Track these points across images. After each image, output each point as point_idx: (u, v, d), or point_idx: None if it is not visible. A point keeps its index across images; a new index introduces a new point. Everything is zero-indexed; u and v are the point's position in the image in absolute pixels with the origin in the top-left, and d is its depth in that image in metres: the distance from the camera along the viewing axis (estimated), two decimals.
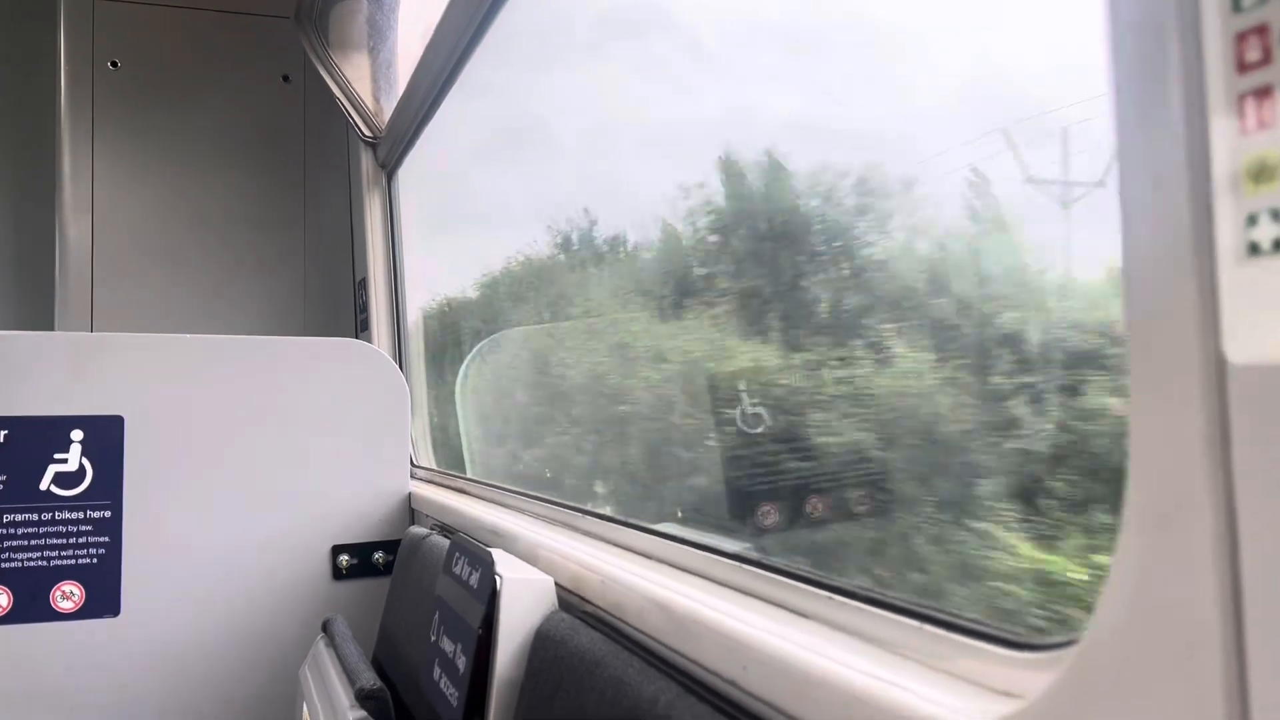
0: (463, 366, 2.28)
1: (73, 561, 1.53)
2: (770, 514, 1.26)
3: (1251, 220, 0.33)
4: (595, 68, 1.88)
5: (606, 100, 1.87)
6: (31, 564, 1.51)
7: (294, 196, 2.53)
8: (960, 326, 1.00)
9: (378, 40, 2.24)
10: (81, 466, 1.55)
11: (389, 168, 2.29)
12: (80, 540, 1.54)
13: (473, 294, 2.38)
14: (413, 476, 1.85)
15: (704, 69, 1.55)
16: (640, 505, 1.66)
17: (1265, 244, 0.32)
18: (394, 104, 2.12)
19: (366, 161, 2.31)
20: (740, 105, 1.43)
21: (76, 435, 1.55)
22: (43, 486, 1.52)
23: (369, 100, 2.28)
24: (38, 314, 2.44)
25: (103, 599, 1.55)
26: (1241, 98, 0.33)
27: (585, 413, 1.89)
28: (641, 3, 1.80)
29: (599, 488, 1.82)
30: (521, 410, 2.18)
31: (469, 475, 1.87)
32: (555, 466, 2.00)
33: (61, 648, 1.52)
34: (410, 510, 1.77)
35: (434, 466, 2.10)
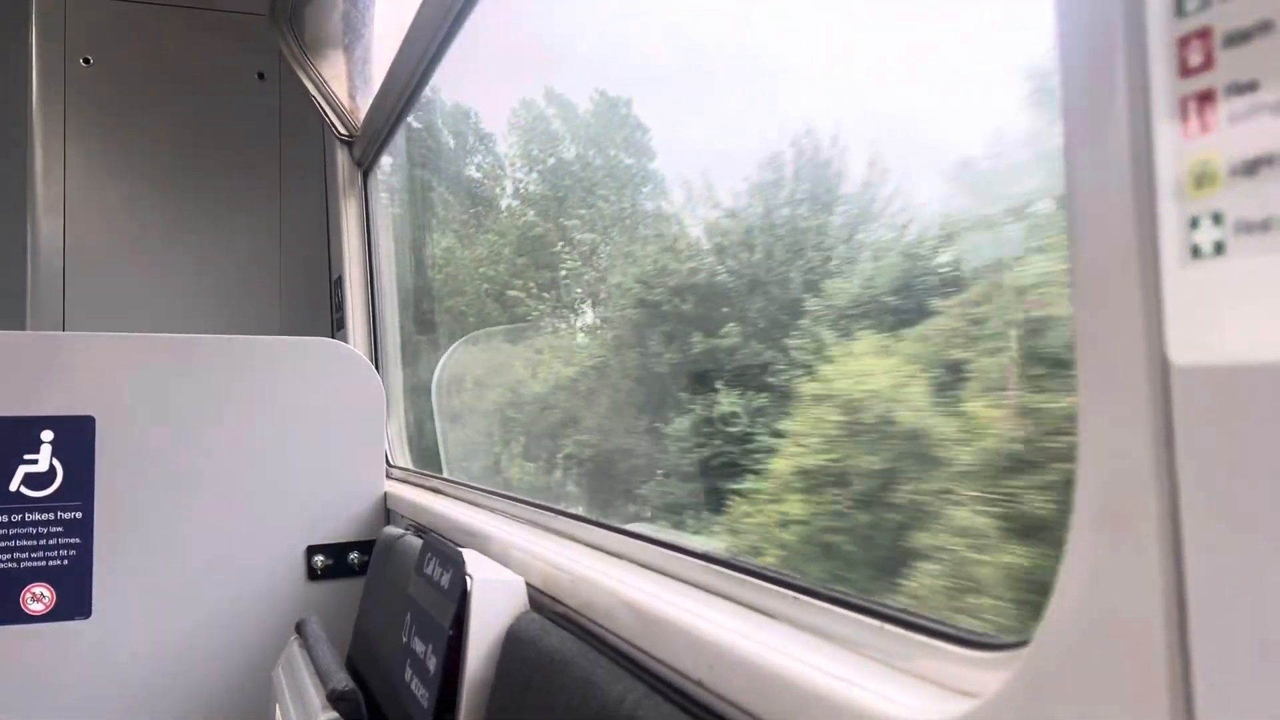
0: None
1: (43, 563, 1.52)
2: None
3: (1194, 224, 0.33)
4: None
5: None
6: (0, 566, 1.49)
7: (269, 195, 2.51)
8: None
9: (353, 38, 2.23)
10: (52, 467, 1.53)
11: (365, 166, 2.28)
12: (51, 542, 1.52)
13: None
14: (388, 476, 1.84)
15: None
16: None
17: (1206, 247, 0.33)
18: (370, 102, 2.11)
19: (342, 160, 2.30)
20: None
21: (47, 436, 1.53)
22: (12, 488, 1.50)
23: (345, 98, 2.27)
24: (8, 313, 2.42)
25: (73, 601, 1.54)
26: (1184, 102, 0.33)
27: None
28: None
29: None
30: None
31: (445, 475, 1.86)
32: None
33: (31, 650, 1.50)
34: (386, 510, 1.76)
35: (410, 466, 2.09)
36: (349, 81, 2.27)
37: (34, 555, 1.51)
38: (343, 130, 2.28)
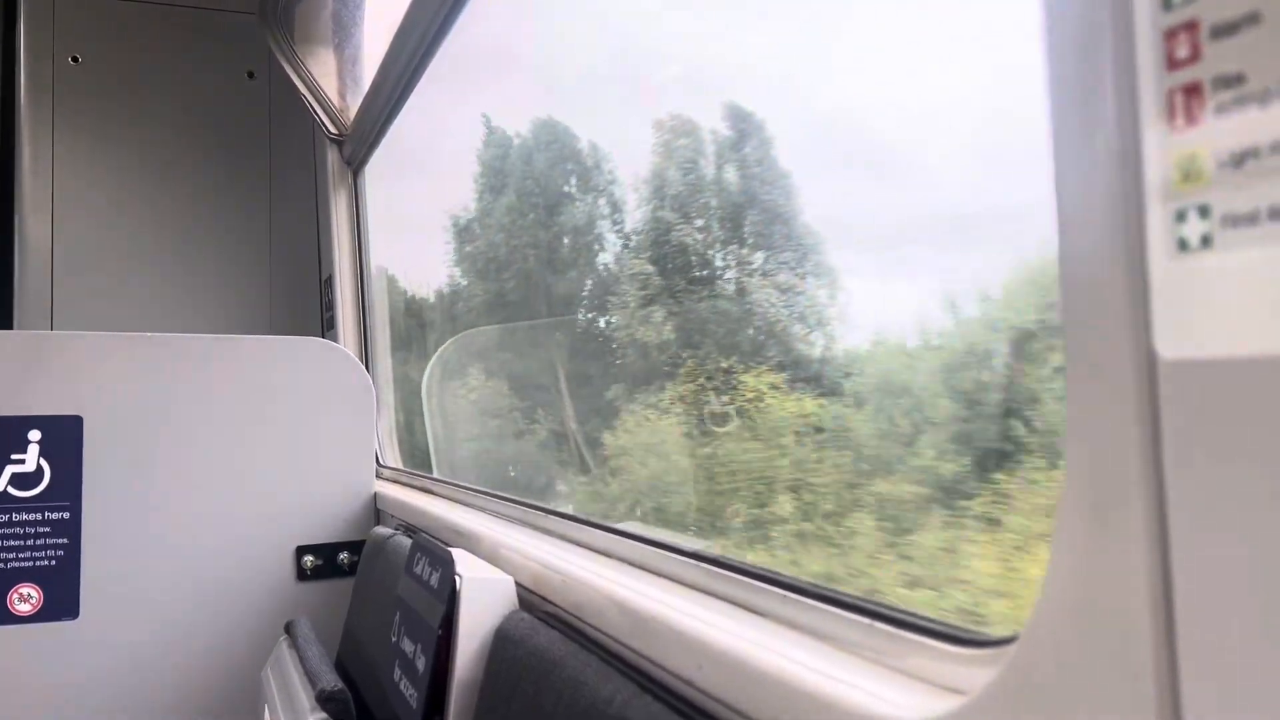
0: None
1: (30, 564, 1.51)
2: None
3: (1180, 217, 0.33)
4: None
5: None
6: None
7: (259, 194, 2.50)
8: None
9: (343, 37, 2.23)
10: (39, 467, 1.52)
11: (355, 165, 2.27)
12: (38, 542, 1.51)
13: None
14: (378, 476, 1.84)
15: None
16: None
17: (1193, 240, 0.33)
18: (360, 101, 2.11)
19: (332, 158, 2.29)
20: None
21: (34, 435, 1.52)
22: None
23: (335, 97, 2.26)
24: None
25: (61, 601, 1.53)
26: (1171, 94, 0.33)
27: None
28: None
29: None
30: None
31: (435, 475, 1.86)
32: None
33: (19, 651, 1.50)
34: (375, 510, 1.76)
35: (400, 466, 2.08)
36: (339, 80, 2.27)
37: (21, 555, 1.50)
38: (333, 129, 2.27)
